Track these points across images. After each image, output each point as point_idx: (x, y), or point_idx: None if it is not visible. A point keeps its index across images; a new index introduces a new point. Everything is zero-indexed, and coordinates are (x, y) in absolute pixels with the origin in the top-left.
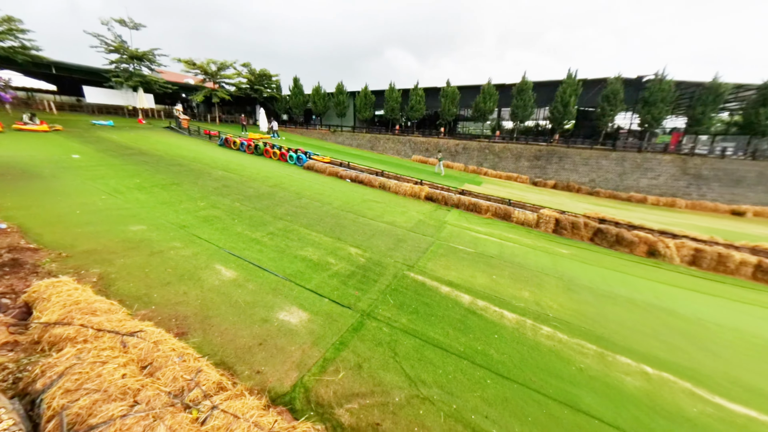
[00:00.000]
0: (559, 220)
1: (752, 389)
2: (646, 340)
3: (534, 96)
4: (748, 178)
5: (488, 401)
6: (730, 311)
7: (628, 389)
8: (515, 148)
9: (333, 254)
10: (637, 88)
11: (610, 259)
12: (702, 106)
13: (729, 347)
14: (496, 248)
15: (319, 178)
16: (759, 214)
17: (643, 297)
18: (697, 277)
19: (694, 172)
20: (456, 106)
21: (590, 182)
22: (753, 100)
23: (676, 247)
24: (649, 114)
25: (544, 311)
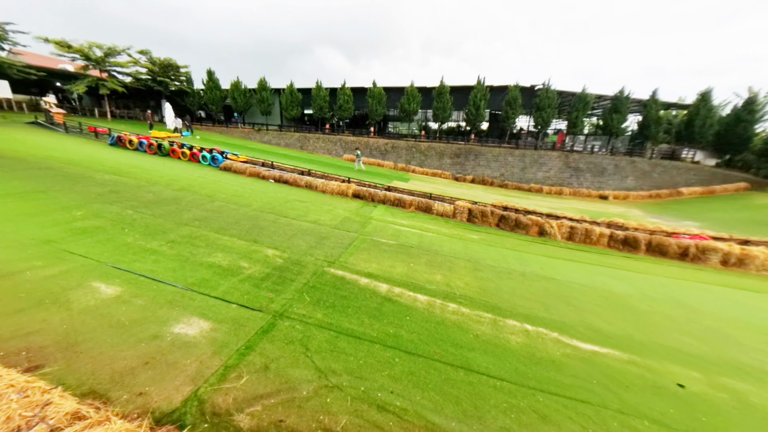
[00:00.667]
0: (472, 210)
1: (598, 331)
2: (530, 304)
3: (451, 99)
4: (609, 169)
5: (395, 378)
6: (591, 273)
7: (512, 346)
8: (438, 147)
9: (247, 258)
10: (531, 95)
11: (511, 241)
12: (576, 111)
13: (587, 302)
14: (416, 239)
15: (237, 180)
16: (617, 197)
17: (531, 269)
18: (572, 249)
19: (573, 165)
20: (383, 107)
21: (500, 176)
22: (609, 107)
23: (557, 226)
24: (540, 117)
25: (452, 290)
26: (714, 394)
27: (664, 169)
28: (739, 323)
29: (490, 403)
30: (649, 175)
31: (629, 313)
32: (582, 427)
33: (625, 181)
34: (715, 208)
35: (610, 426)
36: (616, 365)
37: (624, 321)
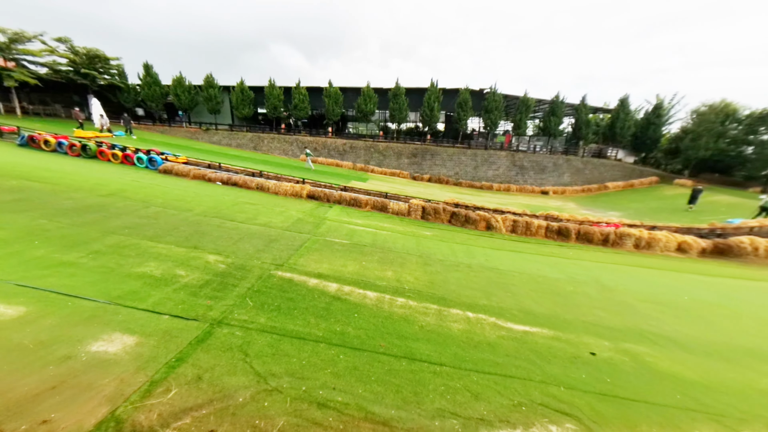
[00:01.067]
0: (425, 208)
1: (530, 312)
2: (474, 293)
3: (407, 100)
4: (549, 167)
5: (338, 374)
6: (528, 262)
7: (453, 333)
8: (396, 147)
9: (184, 265)
10: (481, 98)
11: (461, 235)
12: (520, 114)
13: (523, 287)
14: (370, 237)
15: (179, 183)
16: (556, 192)
17: (477, 261)
18: (514, 241)
19: (519, 164)
20: (340, 107)
21: (455, 175)
22: (547, 111)
23: (502, 220)
24: (489, 119)
25: (402, 285)
26: (618, 358)
27: (594, 166)
28: (643, 296)
29: (429, 388)
30: (581, 171)
31: (558, 295)
32: (509, 400)
33: (563, 178)
34: (633, 199)
35: (533, 395)
36: (543, 342)
37: (553, 302)
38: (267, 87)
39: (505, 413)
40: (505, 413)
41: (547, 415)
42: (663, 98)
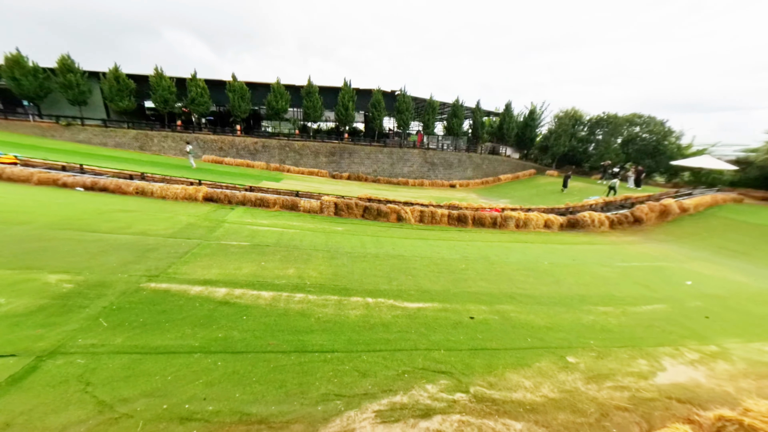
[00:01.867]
0: (337, 204)
1: (426, 291)
2: (376, 281)
3: (321, 99)
4: (455, 163)
5: (213, 383)
6: (431, 247)
7: (350, 320)
8: (313, 146)
9: (7, 291)
10: (393, 99)
11: (373, 228)
12: (428, 115)
13: (423, 270)
14: (275, 237)
15: (15, 191)
16: (461, 185)
17: (385, 251)
18: (421, 230)
19: (430, 161)
20: (247, 103)
21: (373, 172)
22: (450, 113)
23: (411, 211)
24: (401, 119)
25: (303, 281)
26: (491, 318)
27: (490, 162)
28: (517, 266)
29: (316, 377)
30: (480, 166)
31: (452, 273)
32: (395, 371)
33: (467, 172)
34: (518, 188)
35: (417, 362)
36: (432, 314)
37: (446, 280)
38: (153, 76)
39: (388, 383)
40: (389, 383)
41: (426, 376)
42: (535, 105)
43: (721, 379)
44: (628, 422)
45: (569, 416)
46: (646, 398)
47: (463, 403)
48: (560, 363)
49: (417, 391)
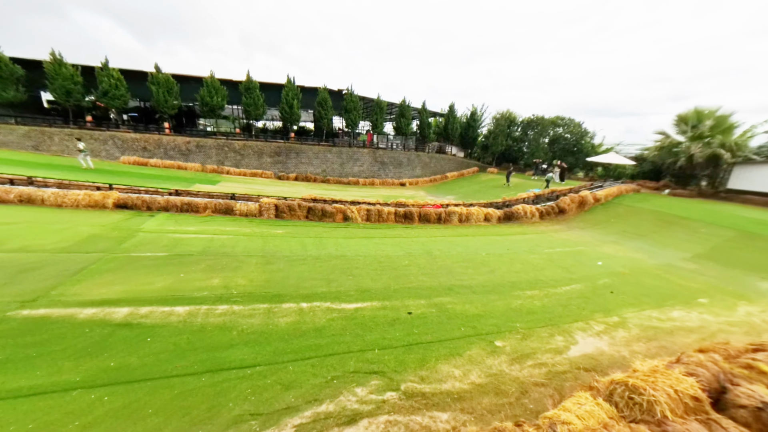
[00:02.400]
0: (278, 206)
1: (366, 290)
2: (314, 283)
3: (262, 96)
4: (404, 162)
5: (91, 425)
6: (376, 245)
7: (279, 328)
8: (256, 146)
9: None
10: (340, 98)
11: (317, 229)
12: (376, 114)
13: (365, 269)
14: (202, 245)
15: None
16: (411, 183)
17: (327, 252)
18: (368, 228)
19: (380, 160)
20: (175, 97)
21: (322, 172)
22: (397, 113)
23: (357, 210)
24: (349, 119)
25: (229, 292)
26: (428, 311)
27: (437, 160)
28: (458, 259)
29: (230, 397)
30: (428, 165)
31: (394, 270)
32: (323, 378)
33: (416, 171)
34: (463, 185)
35: (348, 365)
36: (370, 314)
37: (388, 277)
38: (49, 63)
39: (315, 393)
40: (316, 392)
41: (357, 379)
42: (476, 107)
43: (619, 346)
44: (543, 396)
45: (493, 399)
46: (559, 371)
47: (393, 402)
48: (489, 348)
49: (345, 396)
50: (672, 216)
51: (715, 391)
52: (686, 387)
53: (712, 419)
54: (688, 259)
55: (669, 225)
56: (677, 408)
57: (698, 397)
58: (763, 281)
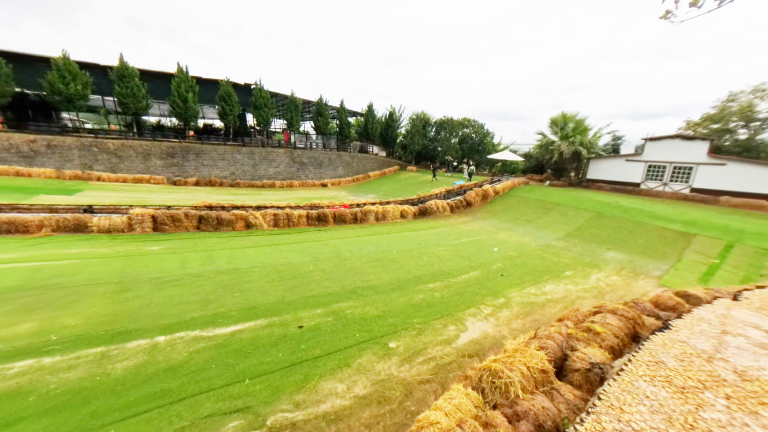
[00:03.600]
0: (157, 217)
1: (253, 307)
2: (185, 308)
3: (146, 86)
4: (325, 162)
5: None
6: (281, 252)
7: (111, 379)
8: (140, 146)
9: None
10: (249, 93)
11: (209, 241)
12: (290, 113)
13: (259, 281)
14: (19, 278)
15: None
16: (333, 184)
17: (215, 267)
18: (275, 235)
19: (299, 160)
20: (5, 81)
21: (231, 175)
22: (315, 111)
23: (262, 216)
24: (260, 116)
25: (44, 339)
26: (324, 321)
27: (359, 160)
28: (368, 258)
29: None
30: (351, 165)
31: (295, 278)
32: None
33: (338, 171)
34: (385, 184)
35: (202, 409)
36: (251, 336)
37: (285, 288)
38: None
39: None
40: None
41: (210, 425)
42: (394, 108)
43: (502, 326)
44: (427, 393)
45: (374, 410)
46: (446, 363)
47: None
48: (382, 351)
49: None
50: (550, 203)
51: (559, 359)
52: (537, 362)
53: (555, 388)
54: (561, 239)
55: (548, 211)
56: (528, 384)
57: (545, 369)
58: (608, 251)
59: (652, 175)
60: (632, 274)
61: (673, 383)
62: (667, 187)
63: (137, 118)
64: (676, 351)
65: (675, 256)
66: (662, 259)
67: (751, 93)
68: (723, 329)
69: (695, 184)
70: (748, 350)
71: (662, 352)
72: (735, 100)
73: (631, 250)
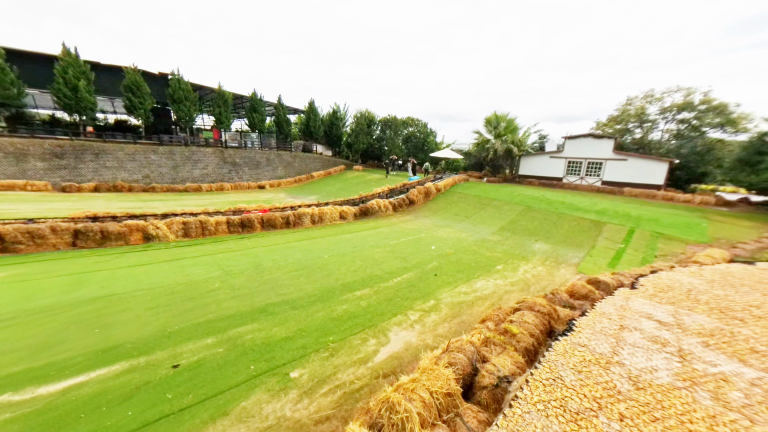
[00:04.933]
0: (4, 235)
1: (114, 347)
2: (2, 360)
3: (16, 70)
4: (262, 162)
5: None
6: (182, 269)
7: None
8: (11, 144)
9: None
10: (165, 84)
11: (86, 261)
12: (218, 107)
13: (137, 310)
14: None
15: None
16: (272, 185)
17: (78, 295)
18: (183, 247)
19: (231, 161)
20: None
21: (144, 179)
22: (248, 107)
23: (168, 225)
24: (180, 110)
25: None
26: (211, 353)
27: (302, 159)
28: (293, 267)
29: None
30: (292, 165)
31: (189, 302)
32: None
33: (277, 171)
34: (329, 184)
35: None
36: (94, 390)
37: (170, 315)
38: None
39: None
40: None
41: None
42: (338, 106)
43: (427, 332)
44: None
45: None
46: (355, 390)
47: None
48: (279, 386)
49: None
50: (487, 198)
51: (469, 375)
52: (442, 384)
53: (459, 414)
54: (495, 233)
55: (485, 206)
56: (430, 414)
57: (451, 392)
58: (536, 242)
59: (572, 170)
60: (555, 264)
61: (567, 408)
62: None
63: (16, 111)
64: (575, 360)
65: (590, 243)
66: (580, 247)
67: (643, 98)
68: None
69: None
70: (642, 347)
71: (562, 364)
72: (631, 104)
73: (555, 240)
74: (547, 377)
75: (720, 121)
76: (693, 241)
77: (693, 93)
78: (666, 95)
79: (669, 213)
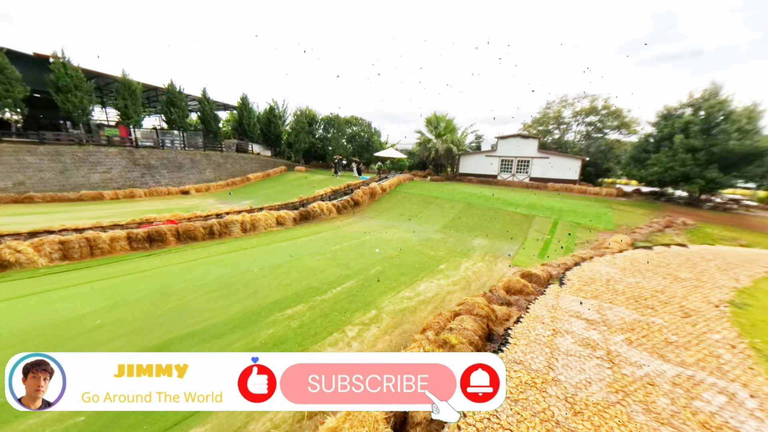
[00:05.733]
0: None
1: None
2: None
3: None
4: (186, 164)
5: None
6: (48, 304)
7: None
8: None
9: None
10: (45, 70)
11: None
12: (123, 100)
13: None
14: None
15: None
16: (198, 190)
17: None
18: (56, 274)
19: (144, 162)
20: None
21: (18, 186)
22: (165, 100)
23: (35, 248)
24: (68, 102)
25: None
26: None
27: (235, 160)
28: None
29: None
30: (223, 166)
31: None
32: None
33: (205, 174)
34: (267, 186)
35: None
36: None
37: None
38: None
39: None
40: None
41: None
42: (276, 102)
43: (365, 350)
44: None
45: None
46: None
47: None
48: None
49: None
50: (430, 197)
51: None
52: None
53: None
54: (438, 231)
55: (428, 205)
56: None
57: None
58: (476, 238)
59: (505, 168)
60: (493, 258)
61: None
62: (515, 177)
63: None
64: (511, 384)
65: (522, 236)
66: (514, 240)
67: (559, 103)
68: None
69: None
70: (576, 355)
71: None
72: (550, 108)
73: (493, 235)
74: (481, 417)
75: (617, 124)
76: (602, 229)
77: (597, 99)
78: (576, 101)
79: (583, 204)
